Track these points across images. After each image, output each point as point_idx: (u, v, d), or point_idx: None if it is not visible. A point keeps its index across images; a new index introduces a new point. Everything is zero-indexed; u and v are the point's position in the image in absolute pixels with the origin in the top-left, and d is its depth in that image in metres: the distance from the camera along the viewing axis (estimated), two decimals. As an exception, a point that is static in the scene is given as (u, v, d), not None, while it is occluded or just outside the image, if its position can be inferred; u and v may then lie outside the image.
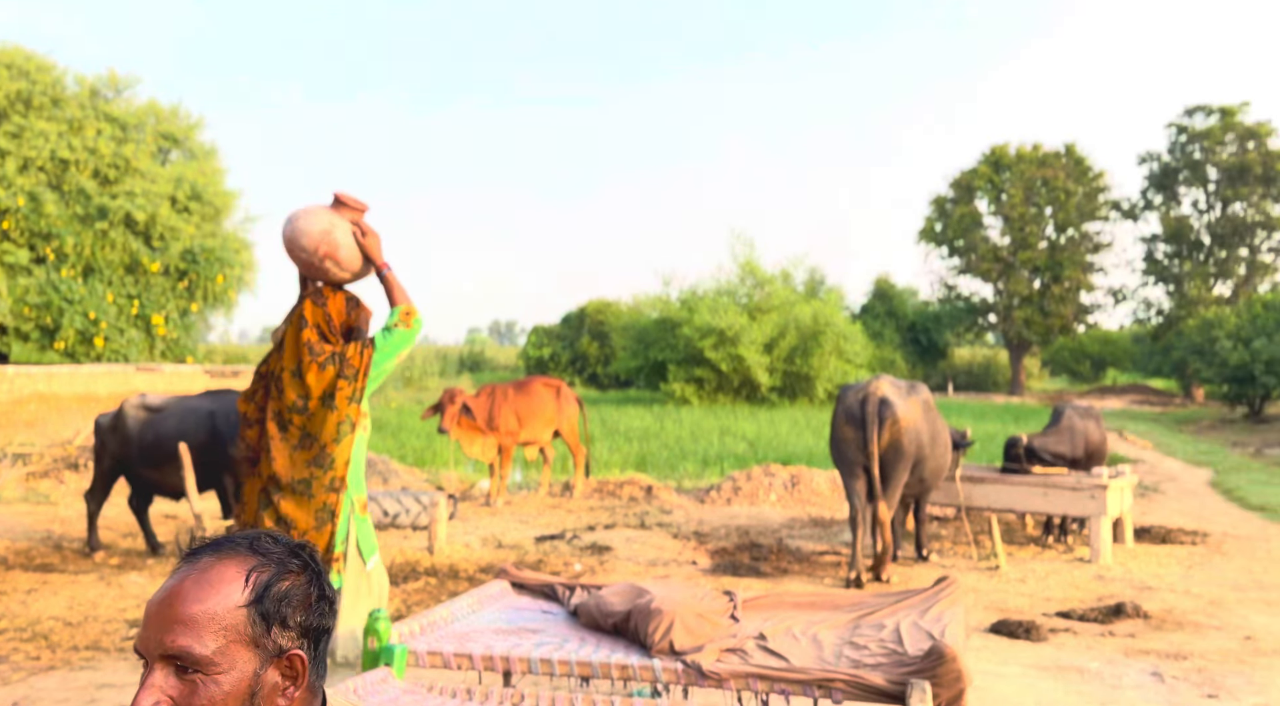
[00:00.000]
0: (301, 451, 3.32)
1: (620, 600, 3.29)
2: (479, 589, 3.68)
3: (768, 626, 3.29)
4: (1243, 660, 4.48)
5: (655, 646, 2.98)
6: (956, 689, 2.58)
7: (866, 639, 3.10)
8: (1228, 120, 36.26)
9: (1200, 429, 23.76)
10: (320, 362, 3.30)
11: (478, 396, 9.50)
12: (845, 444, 6.21)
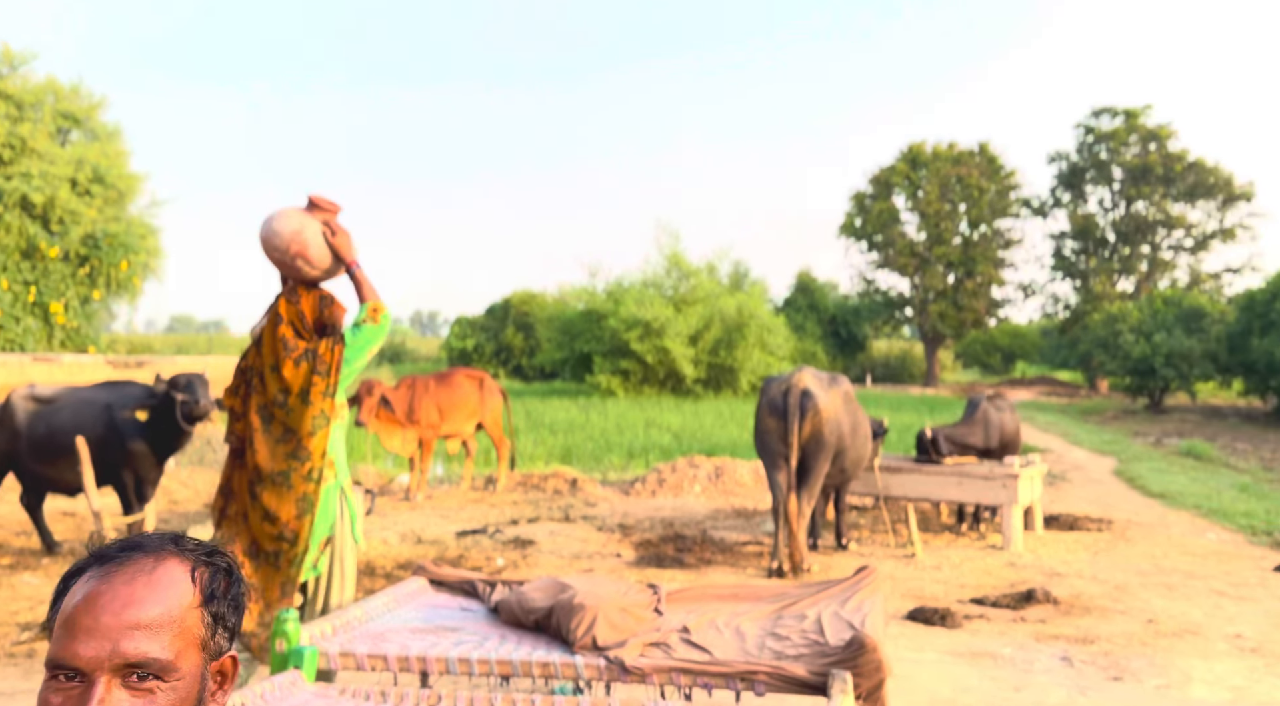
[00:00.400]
0: (282, 444, 3.42)
1: (542, 596, 3.23)
2: (396, 587, 3.57)
3: (691, 619, 3.27)
4: (1146, 643, 4.66)
5: (578, 642, 2.93)
6: (877, 678, 2.60)
7: (789, 630, 3.10)
8: (1131, 122, 37.86)
9: (1104, 419, 24.79)
10: (295, 358, 3.42)
11: (397, 388, 9.28)
12: (768, 435, 6.25)
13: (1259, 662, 4.35)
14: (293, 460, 3.43)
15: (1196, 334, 27.30)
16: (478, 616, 3.37)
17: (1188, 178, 36.67)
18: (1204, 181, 36.52)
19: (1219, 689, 3.99)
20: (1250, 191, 36.50)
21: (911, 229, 41.70)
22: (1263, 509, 8.85)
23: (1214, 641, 4.69)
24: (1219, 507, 9.05)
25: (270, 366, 3.47)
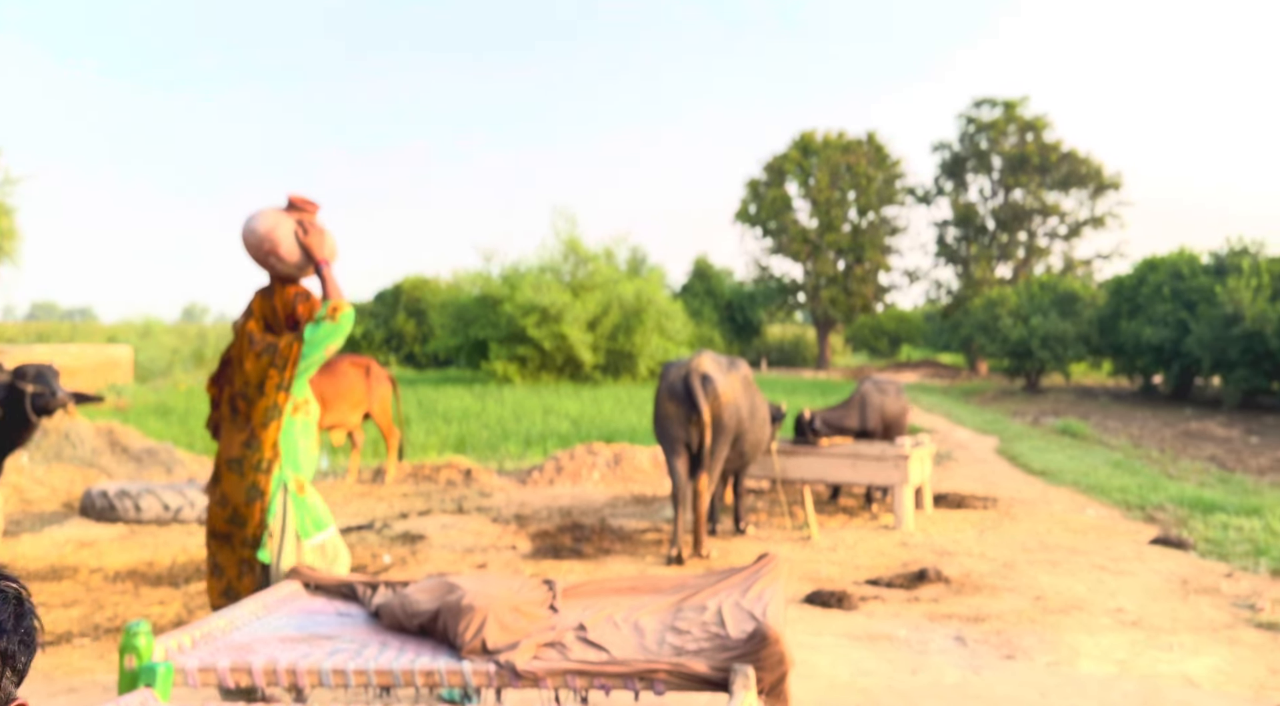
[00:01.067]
0: (240, 433, 3.56)
1: (428, 597, 3.01)
2: (265, 592, 3.29)
3: (588, 615, 3.11)
4: (1034, 620, 4.76)
5: (466, 646, 2.73)
6: (779, 672, 2.50)
7: (689, 623, 2.98)
8: (1010, 113, 39.50)
9: (985, 400, 25.84)
10: (257, 352, 3.55)
11: (278, 377, 8.79)
12: (668, 420, 6.15)
13: (1140, 635, 4.48)
14: (246, 449, 3.55)
15: (1070, 317, 28.75)
16: (357, 621, 3.13)
17: (1062, 167, 38.54)
18: (1076, 171, 38.46)
19: (1105, 663, 4.08)
20: (1119, 181, 38.64)
21: (804, 216, 42.55)
22: (1135, 484, 9.29)
23: (1098, 616, 4.83)
24: (1096, 484, 9.46)
25: (238, 359, 3.61)
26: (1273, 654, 4.18)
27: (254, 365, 3.57)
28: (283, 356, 3.55)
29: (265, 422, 3.56)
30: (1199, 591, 5.28)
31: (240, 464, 3.55)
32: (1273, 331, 20.02)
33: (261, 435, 3.55)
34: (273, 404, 3.56)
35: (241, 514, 3.54)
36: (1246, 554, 6.15)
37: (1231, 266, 23.09)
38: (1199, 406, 23.04)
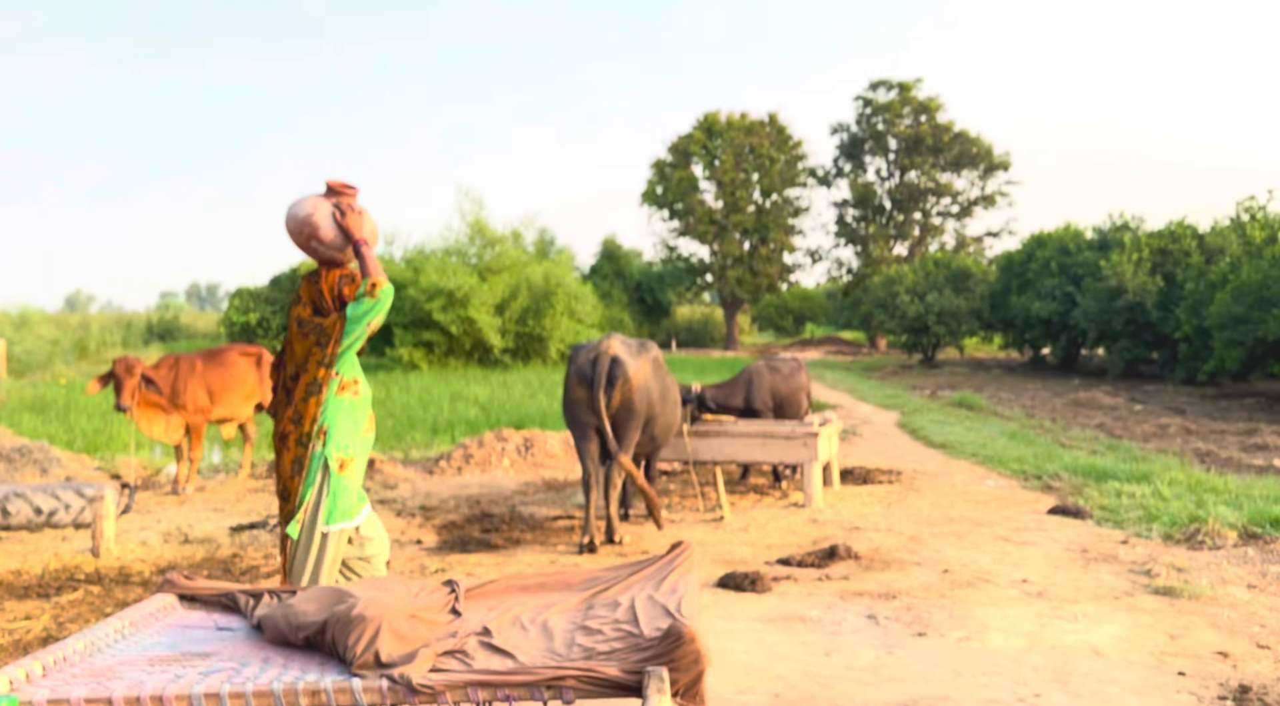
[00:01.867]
0: (286, 409, 3.70)
1: (315, 607, 2.77)
2: (134, 607, 2.99)
3: (493, 618, 2.92)
4: (943, 594, 4.79)
5: (357, 660, 2.51)
6: (695, 671, 2.37)
7: (600, 621, 2.83)
8: (904, 94, 40.46)
9: (885, 375, 26.53)
10: (305, 333, 3.67)
11: (159, 367, 8.25)
12: (577, 404, 5.98)
13: (1046, 606, 4.56)
14: (291, 424, 3.68)
15: (964, 293, 29.72)
16: (237, 637, 2.87)
17: (954, 148, 39.73)
18: (968, 151, 39.70)
19: (1014, 636, 4.12)
20: (1007, 161, 40.07)
21: (710, 197, 42.77)
22: (1031, 454, 9.59)
23: (1004, 588, 4.90)
24: (994, 454, 9.73)
25: (289, 343, 3.73)
26: (1171, 620, 4.30)
27: (301, 346, 3.68)
28: (326, 334, 3.66)
29: (306, 397, 3.67)
30: (1098, 559, 5.42)
31: (286, 439, 3.70)
32: (1153, 303, 21.08)
33: (303, 410, 3.67)
34: (313, 379, 3.67)
35: (289, 488, 3.69)
36: (1139, 520, 6.37)
37: (1114, 241, 24.20)
38: (1085, 376, 24.16)
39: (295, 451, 3.65)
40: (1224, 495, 6.97)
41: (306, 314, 3.70)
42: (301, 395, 3.65)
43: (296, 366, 3.68)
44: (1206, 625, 4.23)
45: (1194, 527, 5.85)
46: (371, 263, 3.72)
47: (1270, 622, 4.26)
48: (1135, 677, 3.62)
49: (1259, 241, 17.57)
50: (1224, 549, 5.49)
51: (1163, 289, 21.17)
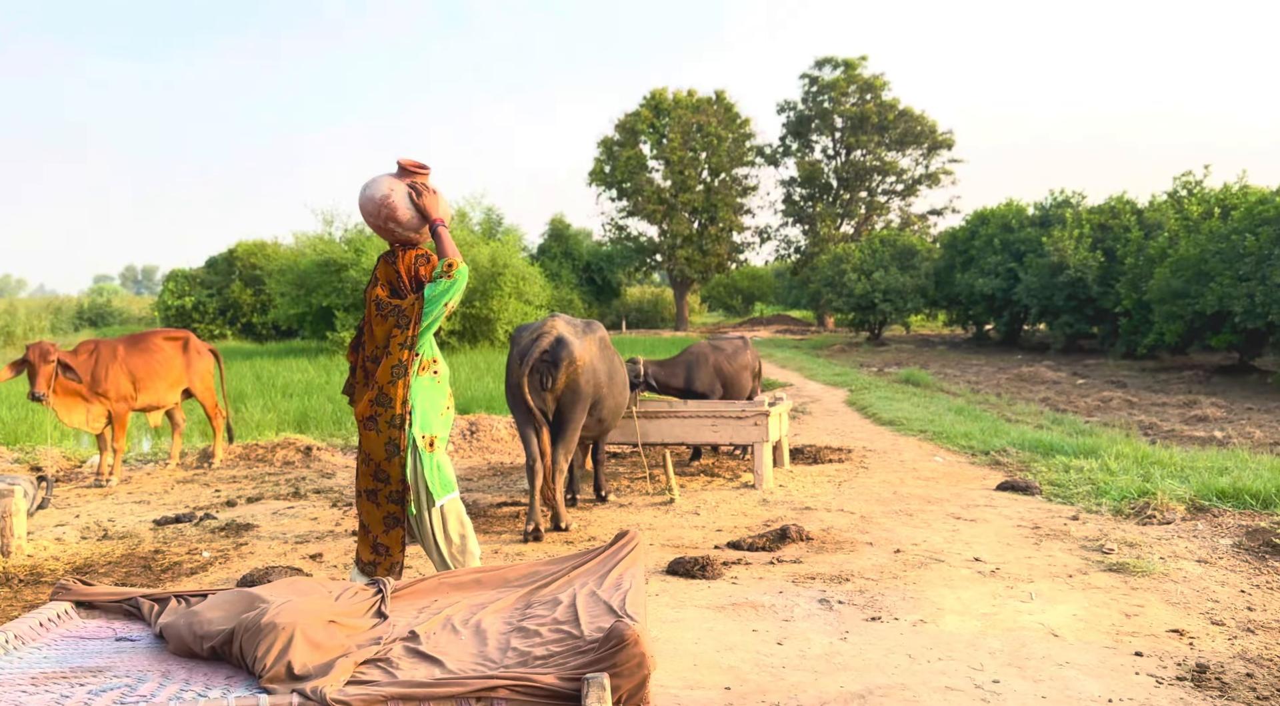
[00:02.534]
0: (370, 392, 3.68)
1: (223, 614, 2.53)
2: (21, 618, 2.71)
3: (422, 620, 2.71)
4: (896, 575, 4.68)
5: (267, 673, 2.28)
6: (639, 676, 2.18)
7: (539, 621, 2.62)
8: (850, 73, 40.53)
9: (833, 353, 26.66)
10: (384, 315, 3.67)
11: (77, 353, 7.79)
12: (520, 387, 5.74)
13: (1000, 586, 4.47)
14: (378, 406, 3.66)
15: (909, 271, 29.96)
16: (138, 648, 2.61)
17: (899, 126, 39.95)
18: (912, 130, 39.96)
19: (969, 618, 4.02)
20: (951, 139, 40.43)
21: (658, 176, 42.48)
22: (978, 429, 9.59)
23: (957, 567, 4.81)
24: (942, 430, 9.72)
25: (368, 324, 3.75)
26: (1125, 597, 4.24)
27: (380, 327, 3.68)
28: (406, 316, 3.65)
29: (393, 380, 3.66)
30: (1050, 536, 5.37)
31: (375, 421, 3.68)
32: (1093, 278, 21.42)
33: (390, 392, 3.66)
34: (398, 362, 3.67)
35: (383, 470, 3.69)
36: (1089, 495, 6.36)
37: (1055, 218, 24.53)
38: (1027, 351, 24.54)
39: (388, 433, 3.67)
40: (1170, 468, 7.01)
41: (384, 295, 3.73)
42: (387, 378, 3.68)
43: (377, 348, 3.69)
44: (1161, 602, 4.18)
45: (1143, 501, 5.84)
46: (448, 243, 3.77)
47: (1222, 598, 4.22)
48: (1093, 659, 3.54)
49: (1196, 216, 17.90)
50: (1174, 523, 5.48)
51: (1103, 264, 21.51)
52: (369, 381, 3.72)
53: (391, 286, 3.76)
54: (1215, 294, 14.47)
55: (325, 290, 23.64)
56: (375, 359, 3.71)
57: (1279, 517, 5.30)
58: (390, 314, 3.68)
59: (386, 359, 3.67)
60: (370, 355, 3.74)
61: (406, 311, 3.67)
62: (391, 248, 3.82)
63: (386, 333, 3.68)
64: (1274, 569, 4.61)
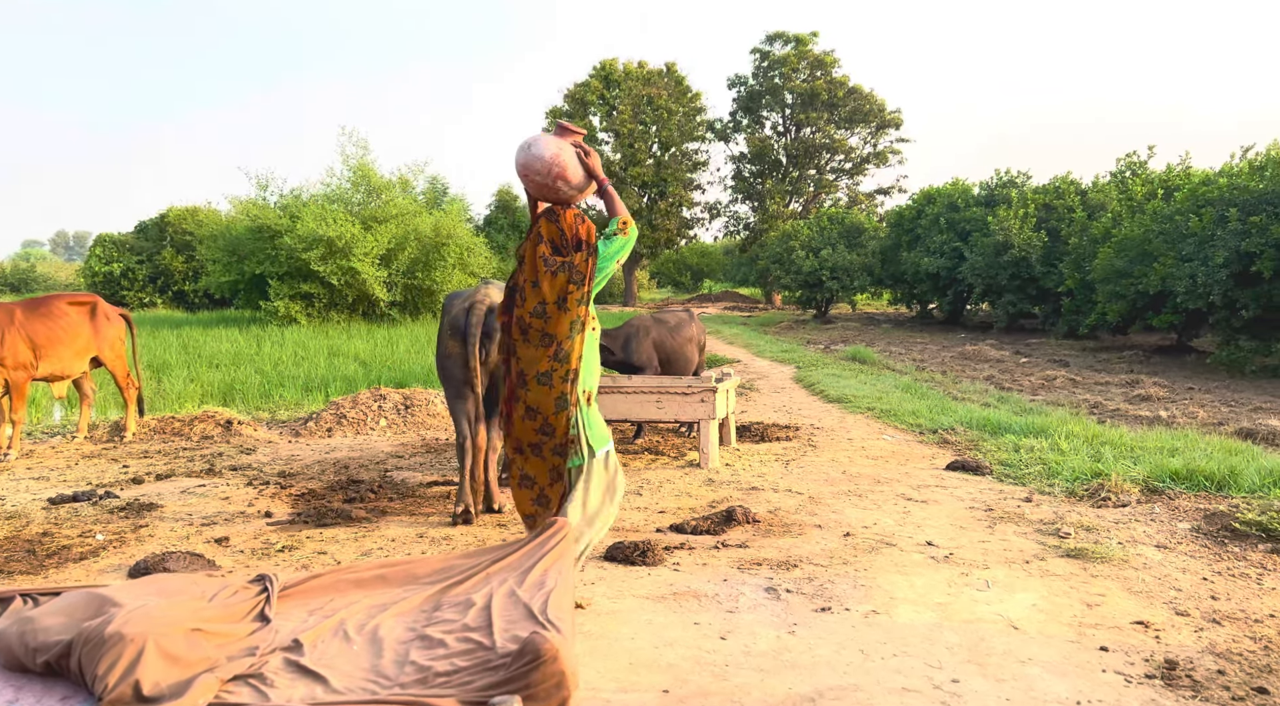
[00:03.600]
0: (542, 348, 3.71)
1: (62, 621, 2.12)
2: None
3: (311, 625, 2.33)
4: (847, 561, 4.42)
5: (109, 694, 1.89)
6: (558, 699, 1.84)
7: (446, 627, 2.27)
8: (801, 48, 40.27)
9: (780, 330, 26.57)
10: (553, 272, 3.69)
11: (-32, 320, 7.17)
12: (451, 359, 5.33)
13: (954, 572, 4.23)
14: (554, 362, 3.70)
15: (856, 249, 29.95)
16: (-37, 661, 2.19)
17: (848, 104, 39.87)
18: (861, 108, 39.91)
19: (924, 609, 3.77)
20: (899, 118, 40.49)
21: (608, 148, 41.86)
22: (925, 407, 9.44)
23: (909, 552, 4.57)
24: (889, 408, 9.54)
25: (530, 282, 3.74)
26: (1085, 585, 4.03)
27: (551, 284, 3.71)
28: (580, 272, 3.70)
29: (570, 335, 3.73)
30: (1004, 518, 5.17)
31: (549, 376, 3.71)
32: (1037, 258, 21.55)
33: (568, 347, 3.72)
34: (576, 318, 3.73)
35: (551, 423, 3.72)
36: (1041, 476, 6.19)
37: (1000, 197, 24.63)
38: (971, 330, 24.70)
39: (560, 388, 3.71)
40: (1120, 448, 6.89)
41: (548, 253, 3.76)
42: (565, 333, 3.71)
43: (545, 305, 3.71)
44: (1122, 590, 3.98)
45: (1097, 483, 5.68)
46: (619, 202, 3.89)
47: (1185, 585, 4.04)
48: (1056, 655, 3.30)
49: (1140, 197, 18.04)
50: (1130, 506, 5.31)
51: (1047, 244, 21.65)
52: (529, 336, 3.76)
53: (554, 244, 3.79)
54: (1158, 274, 14.57)
55: (258, 258, 22.73)
56: (543, 315, 3.74)
57: (1235, 500, 5.17)
58: (561, 270, 3.72)
59: (563, 315, 3.71)
60: (534, 312, 3.76)
61: (580, 268, 3.72)
62: (550, 207, 3.86)
63: (560, 289, 3.72)
64: (1233, 554, 4.46)
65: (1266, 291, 12.87)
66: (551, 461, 3.75)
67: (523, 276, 3.82)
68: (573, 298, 3.71)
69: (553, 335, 3.71)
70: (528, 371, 3.74)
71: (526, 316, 3.77)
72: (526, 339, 3.76)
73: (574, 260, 3.73)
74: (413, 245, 23.49)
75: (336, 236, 21.57)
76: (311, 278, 21.96)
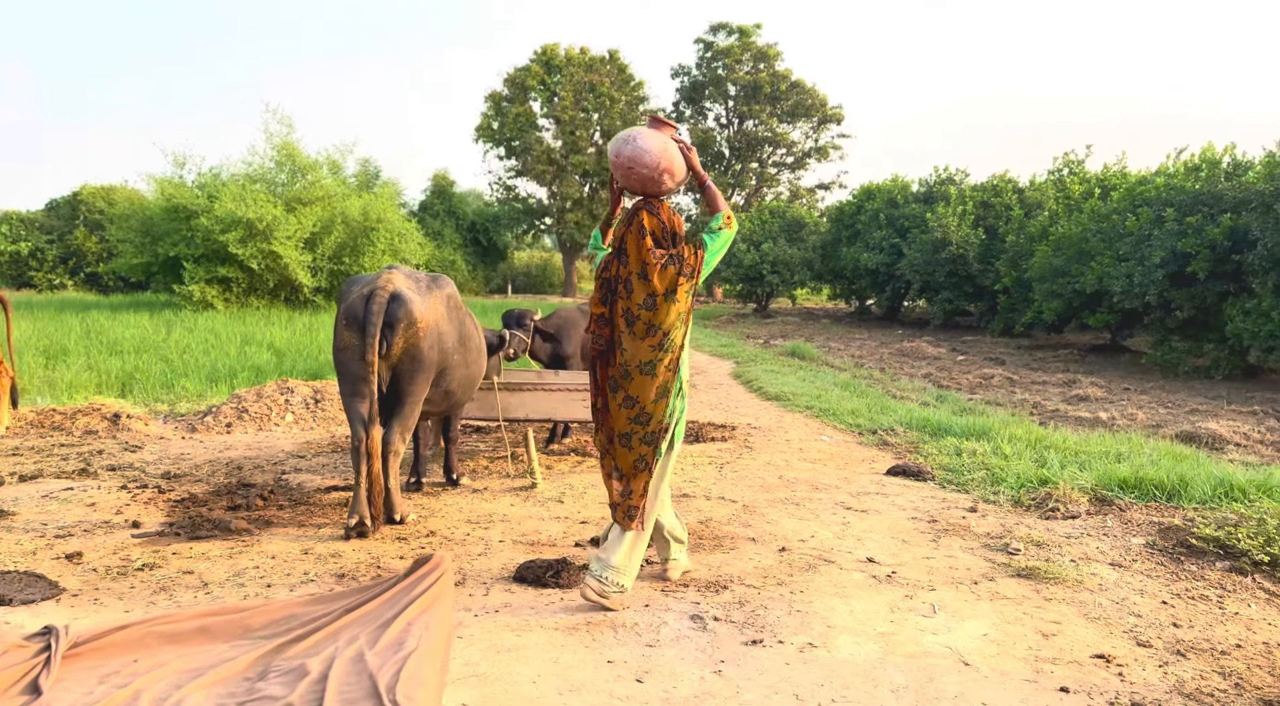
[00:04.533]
0: (648, 339, 3.78)
1: None
2: None
3: (98, 698, 1.80)
4: (781, 581, 4.00)
5: None
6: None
7: (268, 704, 1.76)
8: (744, 40, 40.05)
9: (720, 323, 26.30)
10: (661, 264, 3.77)
11: None
12: (347, 353, 4.77)
13: (897, 595, 3.85)
14: (659, 351, 3.78)
15: (797, 243, 29.83)
16: None
17: (790, 97, 39.80)
18: (803, 102, 39.88)
19: (865, 640, 3.36)
20: (840, 114, 40.56)
21: (549, 136, 41.15)
22: (865, 406, 9.14)
23: (849, 570, 4.17)
24: (828, 407, 9.22)
25: (637, 274, 3.78)
26: (1039, 611, 3.67)
27: (661, 276, 3.76)
28: (689, 265, 3.78)
29: (676, 326, 3.80)
30: (948, 531, 4.81)
31: (653, 366, 3.78)
32: (974, 256, 21.59)
33: (675, 337, 3.80)
34: (686, 309, 3.82)
35: (647, 412, 3.79)
36: (985, 482, 5.88)
37: (939, 195, 24.67)
38: (908, 327, 24.74)
39: (664, 377, 3.79)
40: (1065, 453, 6.63)
41: (650, 245, 3.79)
42: (673, 323, 3.78)
43: (652, 295, 3.74)
44: (1078, 616, 3.63)
45: (1044, 492, 5.38)
46: (720, 197, 3.99)
47: (1144, 610, 3.71)
48: (1014, 698, 2.92)
49: (1078, 195, 18.10)
50: (1079, 517, 5.01)
51: (984, 242, 21.71)
52: (634, 328, 3.78)
53: (654, 237, 3.82)
54: (1095, 273, 14.56)
55: (174, 239, 21.60)
56: (652, 308, 3.77)
57: (1190, 513, 4.90)
58: (670, 263, 3.77)
59: (672, 306, 3.76)
60: (643, 304, 3.78)
61: (690, 261, 3.79)
62: (648, 200, 3.87)
63: (670, 282, 3.77)
64: (1191, 573, 4.16)
65: (1200, 292, 12.91)
66: (639, 451, 3.81)
67: (625, 269, 3.83)
68: (682, 289, 3.78)
69: (659, 326, 3.77)
70: (630, 362, 3.80)
71: (634, 308, 3.80)
72: (633, 331, 3.80)
73: (684, 253, 3.82)
74: (340, 229, 22.58)
75: (257, 218, 20.58)
76: (230, 261, 20.93)
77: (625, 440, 3.80)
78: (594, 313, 3.92)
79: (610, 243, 3.96)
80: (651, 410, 3.78)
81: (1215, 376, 12.85)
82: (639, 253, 3.78)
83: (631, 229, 3.83)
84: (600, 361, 3.91)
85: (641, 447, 3.78)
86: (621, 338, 3.81)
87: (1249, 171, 13.19)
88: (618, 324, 3.82)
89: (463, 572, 4.08)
